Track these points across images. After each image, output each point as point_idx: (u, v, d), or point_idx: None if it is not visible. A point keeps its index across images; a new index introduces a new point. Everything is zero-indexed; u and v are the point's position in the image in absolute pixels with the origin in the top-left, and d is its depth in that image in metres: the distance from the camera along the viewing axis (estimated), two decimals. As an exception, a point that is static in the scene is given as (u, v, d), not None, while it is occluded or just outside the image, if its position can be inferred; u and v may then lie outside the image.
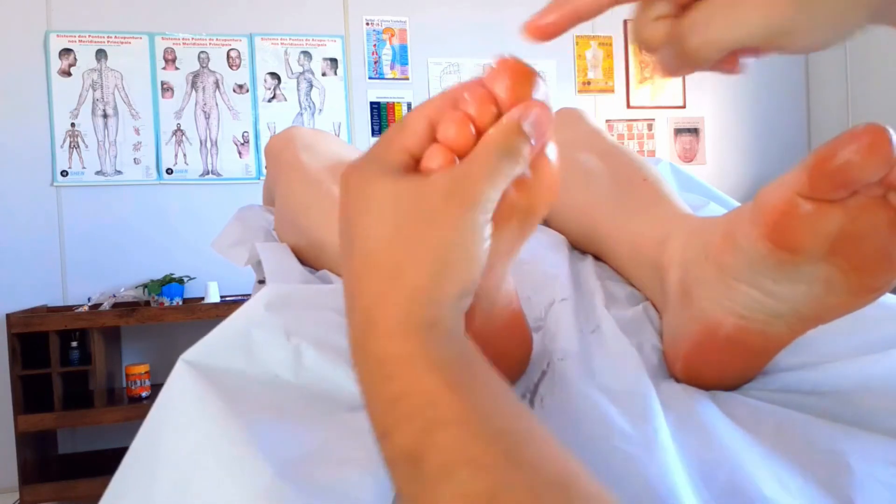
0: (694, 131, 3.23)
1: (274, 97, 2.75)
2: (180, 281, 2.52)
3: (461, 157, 0.34)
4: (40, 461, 2.31)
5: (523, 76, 0.34)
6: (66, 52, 2.55)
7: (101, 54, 2.58)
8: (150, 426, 0.39)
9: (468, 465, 0.27)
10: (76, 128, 2.55)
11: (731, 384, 0.50)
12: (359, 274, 0.33)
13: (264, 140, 2.72)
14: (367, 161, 0.34)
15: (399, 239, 0.32)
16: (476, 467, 0.27)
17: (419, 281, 0.32)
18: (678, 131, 3.22)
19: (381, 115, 2.85)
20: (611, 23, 3.10)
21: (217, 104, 2.69)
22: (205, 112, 2.67)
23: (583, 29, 3.05)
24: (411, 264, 0.32)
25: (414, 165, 0.34)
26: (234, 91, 2.70)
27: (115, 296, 2.45)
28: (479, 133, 0.34)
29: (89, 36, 2.57)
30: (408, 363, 0.30)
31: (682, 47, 0.33)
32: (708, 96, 3.23)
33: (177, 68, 2.65)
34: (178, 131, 2.64)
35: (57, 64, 2.54)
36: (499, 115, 0.34)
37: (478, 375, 0.31)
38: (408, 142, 0.34)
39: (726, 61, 0.34)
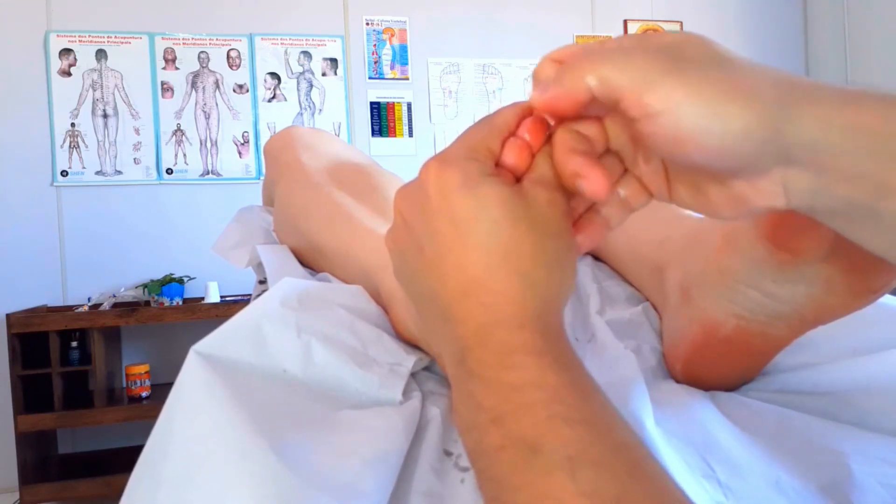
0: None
1: (274, 97, 2.75)
2: (180, 281, 2.53)
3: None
4: (40, 461, 2.31)
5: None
6: (66, 52, 2.55)
7: (101, 54, 2.58)
8: (166, 411, 0.40)
9: (595, 466, 0.27)
10: (76, 128, 2.55)
11: (731, 385, 0.50)
12: (480, 265, 0.33)
13: (264, 140, 2.72)
14: (464, 160, 0.35)
15: (521, 245, 0.33)
16: (603, 470, 0.26)
17: (549, 289, 0.33)
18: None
19: (381, 115, 2.85)
20: (611, 22, 3.10)
21: (217, 104, 2.69)
22: (205, 112, 2.67)
23: (583, 28, 3.05)
24: (539, 271, 0.33)
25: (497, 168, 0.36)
26: (234, 91, 2.70)
27: (115, 296, 2.45)
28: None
29: (89, 36, 2.57)
30: (537, 357, 0.31)
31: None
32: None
33: (177, 68, 2.65)
34: (178, 131, 2.64)
35: (57, 64, 2.54)
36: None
37: (596, 386, 0.31)
38: (494, 144, 0.35)
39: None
